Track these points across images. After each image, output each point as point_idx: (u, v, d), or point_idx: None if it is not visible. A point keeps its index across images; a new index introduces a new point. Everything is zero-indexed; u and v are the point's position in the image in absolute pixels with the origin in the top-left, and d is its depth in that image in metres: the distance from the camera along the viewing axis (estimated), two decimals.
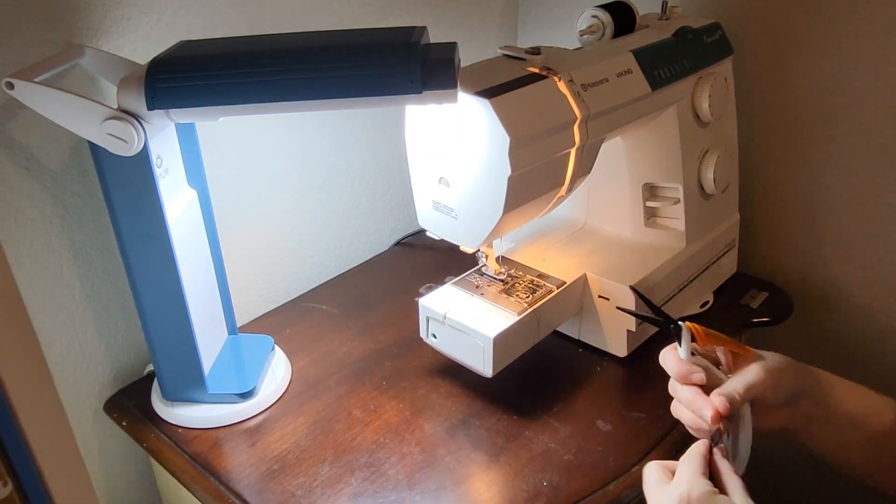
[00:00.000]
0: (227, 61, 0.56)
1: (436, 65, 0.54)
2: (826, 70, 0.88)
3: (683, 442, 0.69)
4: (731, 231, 0.93)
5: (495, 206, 0.64)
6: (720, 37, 0.86)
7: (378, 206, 1.05)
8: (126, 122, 0.56)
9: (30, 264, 0.70)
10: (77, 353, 0.76)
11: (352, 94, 0.56)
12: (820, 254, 0.97)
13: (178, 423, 0.72)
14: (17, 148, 0.66)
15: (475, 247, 0.71)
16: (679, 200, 0.84)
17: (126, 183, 0.60)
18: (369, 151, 1.00)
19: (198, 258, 0.72)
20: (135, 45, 0.72)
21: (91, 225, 0.73)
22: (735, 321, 0.88)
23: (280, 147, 0.89)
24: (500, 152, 0.61)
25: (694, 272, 0.87)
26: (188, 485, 0.67)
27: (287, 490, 0.64)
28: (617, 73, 0.72)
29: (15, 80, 0.56)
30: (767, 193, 0.99)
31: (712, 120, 0.83)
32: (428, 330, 0.76)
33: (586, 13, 0.80)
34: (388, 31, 0.59)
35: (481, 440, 0.70)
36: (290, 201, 0.93)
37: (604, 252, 0.85)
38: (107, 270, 0.76)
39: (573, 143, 0.67)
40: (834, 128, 0.90)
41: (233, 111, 0.57)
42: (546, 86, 0.65)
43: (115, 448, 0.82)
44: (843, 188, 0.92)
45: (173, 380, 0.72)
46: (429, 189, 0.70)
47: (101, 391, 0.79)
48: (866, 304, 0.95)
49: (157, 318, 0.67)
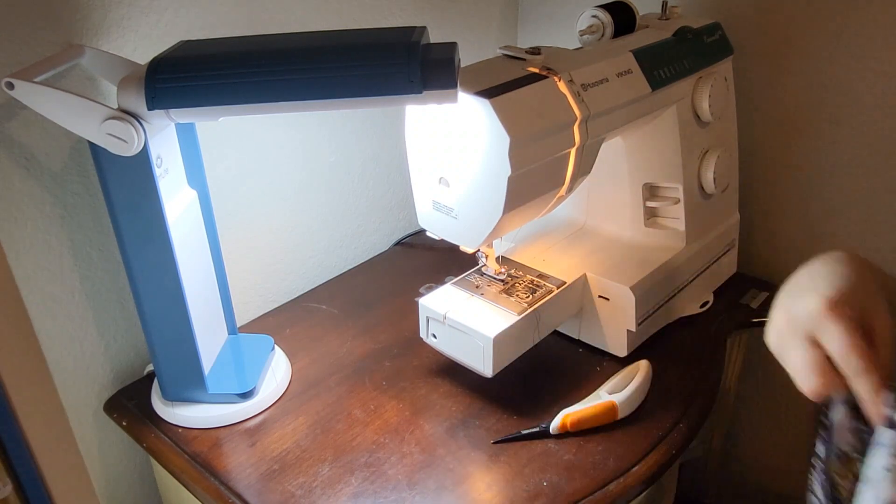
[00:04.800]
0: (227, 61, 0.56)
1: (436, 65, 0.54)
2: (826, 70, 0.88)
3: (683, 442, 0.69)
4: (731, 231, 0.93)
5: (495, 206, 0.64)
6: (720, 37, 0.86)
7: (378, 206, 1.05)
8: (126, 122, 0.56)
9: (30, 264, 0.70)
10: (77, 353, 0.76)
11: (352, 94, 0.56)
12: (820, 254, 0.97)
13: (178, 423, 0.72)
14: (17, 148, 0.66)
15: (475, 247, 0.71)
16: (679, 200, 0.84)
17: (126, 183, 0.60)
18: (369, 151, 1.00)
19: (198, 258, 0.72)
20: (135, 45, 0.72)
21: (91, 225, 0.73)
22: (735, 321, 0.88)
23: (280, 147, 0.89)
24: (500, 152, 0.61)
25: (694, 272, 0.87)
26: (188, 485, 0.67)
27: (287, 490, 0.64)
28: (617, 73, 0.72)
29: (15, 80, 0.56)
30: (767, 193, 0.99)
31: (712, 120, 0.83)
32: (428, 330, 0.76)
33: (586, 13, 0.80)
34: (388, 31, 0.59)
35: (481, 440, 0.70)
36: (290, 201, 0.93)
37: (604, 252, 0.85)
38: (107, 270, 0.76)
39: (573, 143, 0.67)
40: (833, 128, 0.90)
41: (233, 111, 0.57)
42: (546, 86, 0.65)
43: (115, 448, 0.82)
44: (843, 188, 0.92)
45: (173, 380, 0.72)
46: (429, 189, 0.70)
47: (101, 391, 0.79)
48: None
49: (157, 318, 0.67)
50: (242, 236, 0.88)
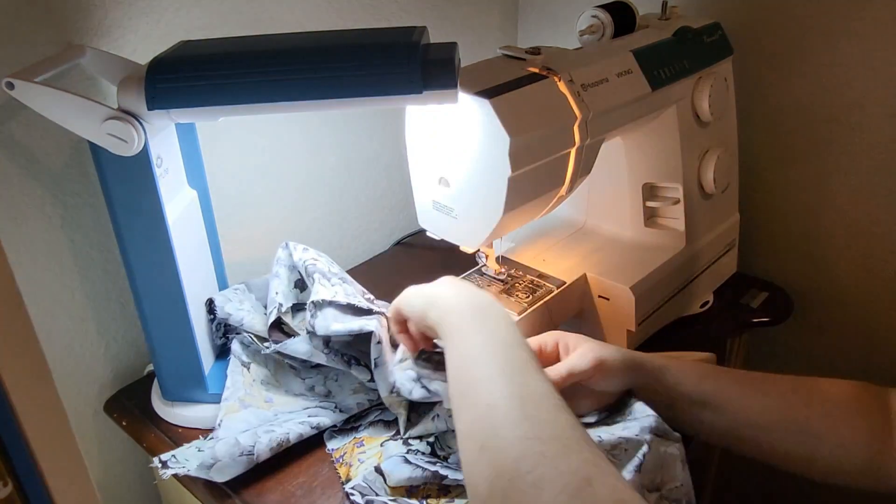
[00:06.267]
0: (227, 61, 0.56)
1: (436, 65, 0.54)
2: (826, 70, 0.88)
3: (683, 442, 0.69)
4: (731, 231, 0.93)
5: (495, 206, 0.64)
6: (720, 37, 0.86)
7: (378, 206, 1.04)
8: (126, 122, 0.56)
9: (30, 264, 0.70)
10: (77, 353, 0.76)
11: (352, 94, 0.55)
12: (820, 254, 0.97)
13: (178, 423, 0.72)
14: (17, 148, 0.66)
15: (475, 247, 0.71)
16: (679, 200, 0.83)
17: (126, 183, 0.60)
18: (369, 151, 1.00)
19: (198, 258, 0.72)
20: (135, 45, 0.72)
21: (91, 225, 0.73)
22: (735, 321, 0.88)
23: (280, 147, 0.89)
24: (500, 152, 0.61)
25: (694, 272, 0.87)
26: (188, 484, 0.67)
27: (287, 490, 0.64)
28: (617, 73, 0.72)
29: (15, 80, 0.56)
30: (767, 193, 0.99)
31: (712, 120, 0.83)
32: None
33: (586, 13, 0.80)
34: (388, 31, 0.59)
35: None
36: (290, 201, 0.93)
37: (604, 252, 0.85)
38: (107, 270, 0.76)
39: (573, 143, 0.67)
40: (834, 128, 0.90)
41: (233, 111, 0.57)
42: (546, 86, 0.65)
43: (115, 448, 0.82)
44: (843, 188, 0.92)
45: (173, 380, 0.72)
46: (429, 189, 0.70)
47: (101, 391, 0.79)
48: (866, 304, 0.95)
49: (157, 318, 0.67)
50: (242, 236, 0.88)
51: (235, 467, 0.63)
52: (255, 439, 0.64)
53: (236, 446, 0.63)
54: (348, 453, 0.67)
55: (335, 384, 0.75)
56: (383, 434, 0.69)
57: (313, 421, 0.68)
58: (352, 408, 0.71)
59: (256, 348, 0.73)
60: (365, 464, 0.65)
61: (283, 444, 0.66)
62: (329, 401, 0.73)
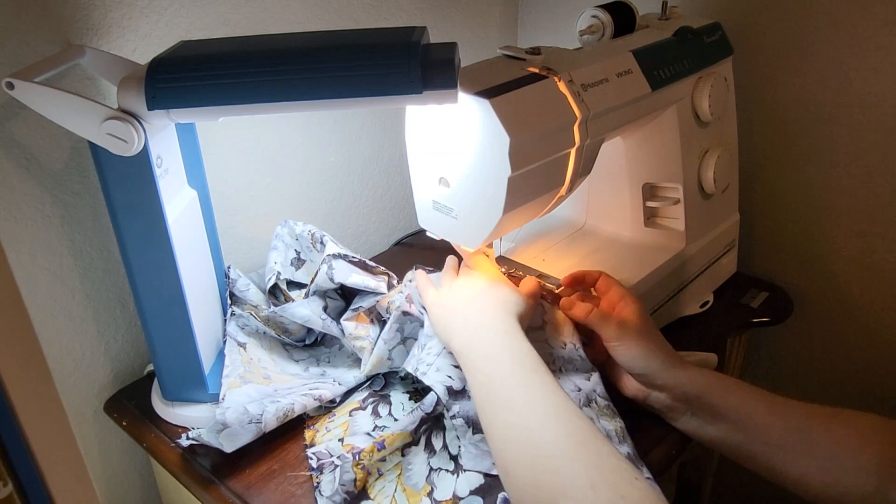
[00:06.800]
0: (227, 61, 0.56)
1: (436, 65, 0.54)
2: (825, 70, 0.88)
3: (683, 442, 0.69)
4: (731, 231, 0.93)
5: (495, 206, 0.64)
6: (720, 37, 0.86)
7: (378, 206, 1.05)
8: (126, 122, 0.56)
9: (30, 264, 0.70)
10: (77, 352, 0.76)
11: (352, 94, 0.55)
12: (820, 254, 0.97)
13: (178, 423, 0.72)
14: (17, 148, 0.66)
15: (475, 247, 0.71)
16: (679, 200, 0.84)
17: (126, 183, 0.60)
18: (370, 151, 1.00)
19: (198, 258, 0.72)
20: (135, 45, 0.72)
21: (91, 225, 0.73)
22: (735, 321, 0.88)
23: (280, 147, 0.89)
24: (500, 152, 0.61)
25: (694, 272, 0.87)
26: (188, 484, 0.67)
27: (287, 490, 0.64)
28: (617, 73, 0.72)
29: (15, 80, 0.56)
30: (767, 193, 0.99)
31: (712, 120, 0.83)
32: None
33: (586, 13, 0.80)
34: (388, 31, 0.59)
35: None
36: (290, 201, 0.93)
37: (604, 252, 0.85)
38: (107, 270, 0.76)
39: (573, 143, 0.67)
40: (833, 128, 0.90)
41: (233, 111, 0.57)
42: (546, 86, 0.65)
43: (115, 448, 0.82)
44: (843, 188, 0.92)
45: (173, 380, 0.72)
46: (429, 189, 0.70)
47: (101, 391, 0.79)
48: (866, 304, 0.95)
49: (157, 318, 0.67)
50: (242, 236, 0.88)
51: (244, 434, 0.65)
52: (262, 408, 0.67)
53: (245, 414, 0.65)
54: (321, 420, 0.71)
55: (328, 365, 0.78)
56: (355, 399, 0.73)
57: (315, 393, 0.71)
58: (350, 382, 0.74)
59: (253, 328, 0.76)
60: (332, 432, 0.69)
61: (288, 413, 0.68)
62: (327, 377, 0.76)
